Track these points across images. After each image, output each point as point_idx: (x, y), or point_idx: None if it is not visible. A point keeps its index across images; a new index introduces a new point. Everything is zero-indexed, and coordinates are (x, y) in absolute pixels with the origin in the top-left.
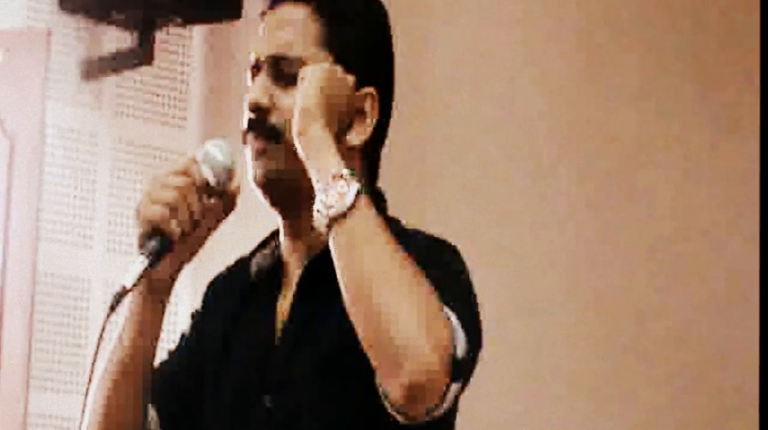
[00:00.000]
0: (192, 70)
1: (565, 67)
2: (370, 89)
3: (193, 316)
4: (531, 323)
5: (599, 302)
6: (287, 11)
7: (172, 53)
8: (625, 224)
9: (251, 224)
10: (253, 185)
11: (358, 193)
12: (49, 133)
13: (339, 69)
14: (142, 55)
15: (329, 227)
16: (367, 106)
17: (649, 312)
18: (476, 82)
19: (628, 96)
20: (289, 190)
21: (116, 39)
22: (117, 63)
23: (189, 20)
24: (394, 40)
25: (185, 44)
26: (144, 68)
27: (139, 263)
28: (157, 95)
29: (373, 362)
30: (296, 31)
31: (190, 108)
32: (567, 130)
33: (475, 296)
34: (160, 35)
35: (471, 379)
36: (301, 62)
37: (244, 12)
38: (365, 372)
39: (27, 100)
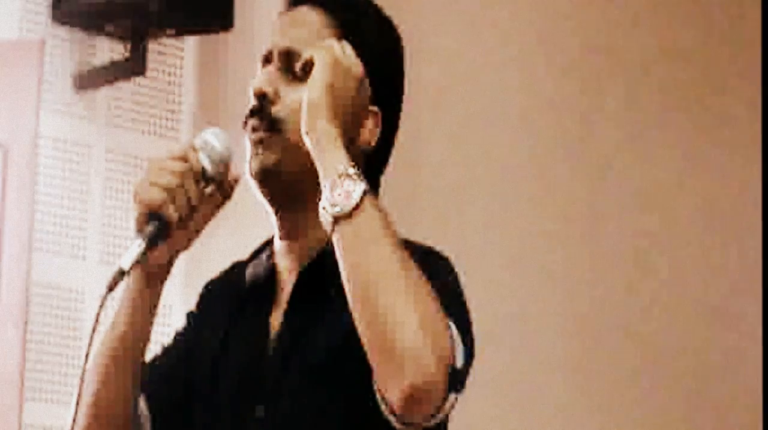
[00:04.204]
0: (185, 81)
1: (557, 74)
2: (374, 108)
3: (188, 316)
4: (523, 330)
5: (592, 309)
6: (305, 14)
7: (164, 64)
8: (618, 231)
9: (244, 231)
10: (249, 179)
11: (364, 193)
12: (42, 144)
13: (348, 51)
14: (134, 66)
15: (334, 225)
16: (369, 123)
17: (643, 318)
18: (468, 90)
19: (620, 103)
20: (286, 185)
21: (109, 50)
22: (110, 74)
23: (181, 31)
24: None
25: (178, 55)
26: (137, 79)
27: (137, 245)
28: (150, 106)
29: (374, 365)
30: (311, 32)
31: (182, 118)
32: (559, 136)
33: (467, 306)
34: (152, 46)
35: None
36: (312, 65)
37: (236, 23)
38: (358, 382)
39: (20, 111)
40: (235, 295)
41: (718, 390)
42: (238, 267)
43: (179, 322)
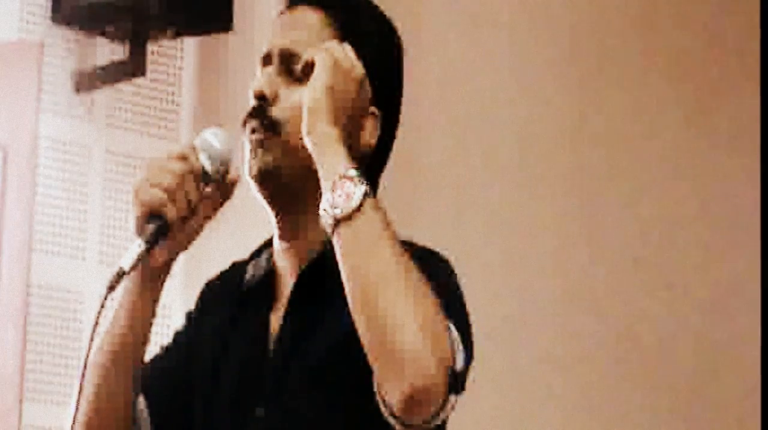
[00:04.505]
0: (184, 82)
1: (555, 77)
2: (372, 109)
3: (187, 316)
4: (523, 331)
5: (591, 309)
6: (304, 14)
7: (164, 65)
8: (615, 232)
9: (244, 231)
10: (249, 180)
11: (365, 195)
12: (41, 145)
13: (348, 53)
14: (134, 67)
15: (334, 227)
16: (368, 124)
17: (642, 318)
18: (468, 90)
19: (617, 104)
20: (285, 187)
21: (109, 51)
22: (109, 75)
23: (181, 32)
24: None
25: (177, 56)
26: (137, 80)
27: (137, 246)
28: (150, 107)
29: (374, 366)
30: (310, 33)
31: (182, 119)
32: (558, 136)
33: (466, 307)
34: (152, 47)
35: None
36: (310, 63)
37: (235, 24)
38: (358, 383)
39: (20, 112)
40: (234, 295)
41: (717, 390)
42: (238, 267)
43: (179, 322)
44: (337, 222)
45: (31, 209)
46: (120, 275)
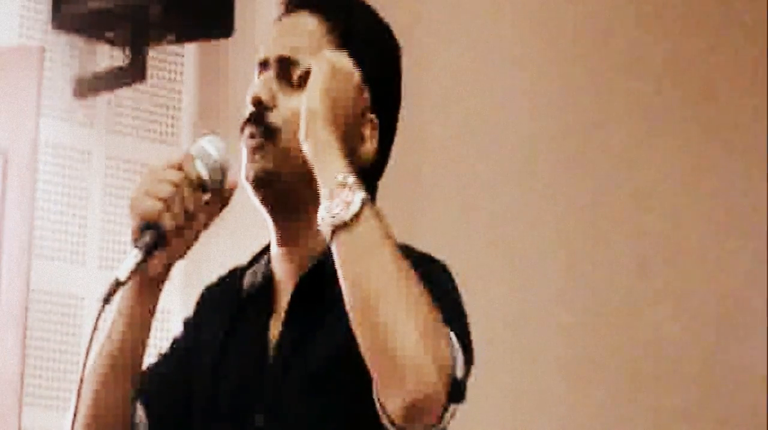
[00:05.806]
0: (185, 87)
1: (560, 78)
2: (371, 116)
3: (185, 323)
4: (525, 336)
5: (595, 314)
6: (302, 19)
7: (164, 71)
8: (622, 235)
9: (243, 235)
10: (246, 185)
11: (363, 202)
12: (42, 151)
13: (345, 60)
14: (134, 72)
15: (333, 235)
16: (367, 132)
17: (647, 323)
18: (469, 95)
19: (623, 108)
20: (282, 191)
21: (109, 56)
22: (110, 80)
23: (181, 38)
24: None
25: (178, 62)
26: (137, 85)
27: (133, 256)
28: (150, 112)
29: (375, 375)
30: (308, 38)
31: (182, 125)
32: (561, 141)
33: (466, 314)
34: (152, 53)
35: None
36: (308, 71)
37: (236, 29)
38: (358, 391)
39: (20, 118)
40: (233, 302)
41: (721, 394)
42: (237, 273)
43: (178, 326)
44: (336, 230)
45: (31, 214)
46: (116, 285)
